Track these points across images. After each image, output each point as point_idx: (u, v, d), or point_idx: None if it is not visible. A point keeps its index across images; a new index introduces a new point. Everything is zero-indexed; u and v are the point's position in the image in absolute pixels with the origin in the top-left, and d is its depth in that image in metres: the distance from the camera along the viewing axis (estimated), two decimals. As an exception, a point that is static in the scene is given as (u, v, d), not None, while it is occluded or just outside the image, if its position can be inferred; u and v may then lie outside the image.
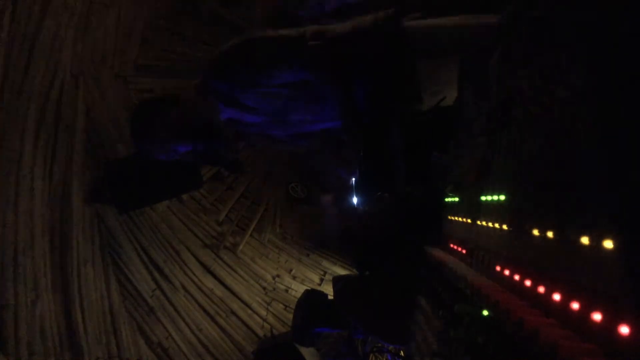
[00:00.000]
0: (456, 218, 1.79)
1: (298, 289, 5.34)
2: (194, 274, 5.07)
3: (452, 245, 1.81)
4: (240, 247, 5.45)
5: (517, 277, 1.04)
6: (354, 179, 3.69)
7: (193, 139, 2.58)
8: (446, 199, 2.04)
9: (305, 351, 4.12)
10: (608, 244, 0.68)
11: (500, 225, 1.19)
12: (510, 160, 1.18)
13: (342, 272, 5.41)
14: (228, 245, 5.40)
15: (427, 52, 2.26)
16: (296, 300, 4.27)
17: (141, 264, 4.71)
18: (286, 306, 5.35)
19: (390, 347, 3.35)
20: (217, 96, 2.45)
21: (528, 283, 0.97)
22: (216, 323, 5.02)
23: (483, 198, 1.37)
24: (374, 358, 3.80)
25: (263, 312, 5.25)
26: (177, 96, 2.56)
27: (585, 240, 0.74)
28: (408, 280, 2.37)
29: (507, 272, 1.11)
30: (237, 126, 2.55)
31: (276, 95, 2.39)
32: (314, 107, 2.50)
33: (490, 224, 1.27)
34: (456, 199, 1.85)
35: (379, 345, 3.57)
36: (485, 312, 1.09)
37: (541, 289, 0.90)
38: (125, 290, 4.55)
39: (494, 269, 1.20)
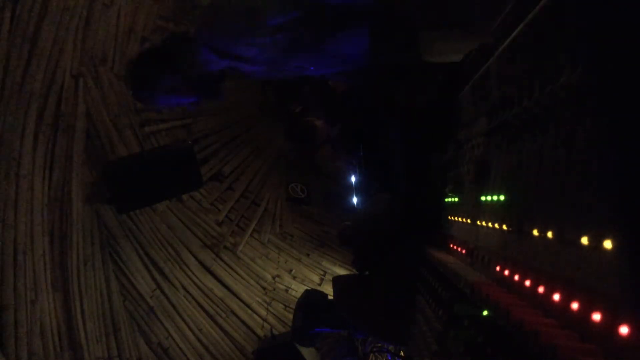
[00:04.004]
0: (456, 218, 1.79)
1: (298, 289, 5.34)
2: (194, 274, 5.07)
3: (452, 245, 1.81)
4: (240, 247, 5.45)
5: (517, 277, 1.04)
6: (354, 179, 3.69)
7: (194, 92, 2.57)
8: (446, 199, 2.04)
9: (305, 351, 4.12)
10: (608, 244, 0.68)
11: (500, 225, 1.19)
12: (509, 160, 1.18)
13: (342, 272, 5.41)
14: (228, 245, 5.39)
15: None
16: (296, 300, 4.27)
17: (141, 264, 4.71)
18: (286, 306, 5.34)
19: (390, 347, 3.35)
20: (210, 49, 2.43)
21: (528, 283, 0.97)
22: (216, 323, 5.02)
23: (483, 198, 1.37)
24: (374, 358, 3.79)
25: (263, 312, 5.25)
26: (170, 46, 2.52)
27: (585, 240, 0.74)
28: (408, 280, 2.37)
29: (507, 272, 1.11)
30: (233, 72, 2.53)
31: (272, 44, 2.36)
32: (312, 54, 2.47)
33: (490, 224, 1.27)
34: (456, 199, 1.85)
35: (379, 345, 3.57)
36: (485, 312, 1.09)
37: (541, 289, 0.90)
38: (125, 290, 4.55)
39: (494, 269, 1.20)
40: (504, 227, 1.16)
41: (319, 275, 5.64)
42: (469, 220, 1.55)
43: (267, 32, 2.32)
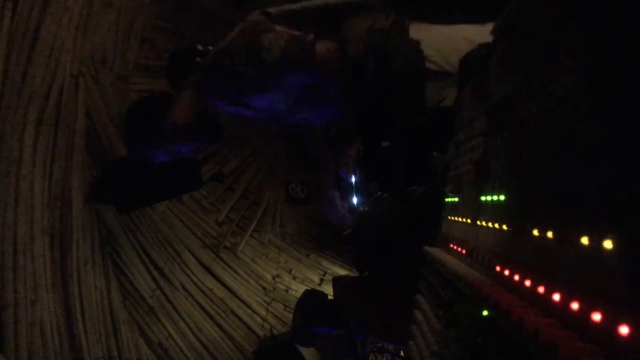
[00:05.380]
0: (456, 218, 1.79)
1: (298, 289, 5.34)
2: (194, 274, 5.07)
3: (452, 245, 1.81)
4: (240, 247, 5.45)
5: (517, 277, 1.04)
6: (353, 179, 3.69)
7: (198, 139, 2.57)
8: (446, 199, 2.04)
9: (305, 351, 4.12)
10: (608, 244, 0.67)
11: (500, 225, 1.19)
12: (509, 160, 1.18)
13: (342, 272, 5.41)
14: (228, 245, 5.39)
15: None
16: (296, 300, 4.27)
17: (141, 264, 4.71)
18: (286, 306, 5.35)
19: (390, 347, 3.35)
20: (218, 96, 2.44)
21: (528, 283, 0.97)
22: (216, 323, 5.02)
23: (483, 198, 1.37)
24: (374, 358, 3.79)
25: (263, 312, 5.25)
26: (168, 95, 2.53)
27: (585, 240, 0.74)
28: (408, 280, 2.36)
29: (507, 272, 1.10)
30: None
31: (284, 97, 2.38)
32: (320, 108, 2.50)
33: (490, 224, 1.27)
34: (456, 199, 1.85)
35: (379, 345, 3.56)
36: (485, 312, 1.09)
37: (541, 289, 0.90)
38: (125, 290, 4.55)
39: (494, 269, 1.20)
40: (504, 227, 1.16)
41: (319, 275, 5.64)
42: (469, 220, 1.55)
43: (282, 88, 2.36)
